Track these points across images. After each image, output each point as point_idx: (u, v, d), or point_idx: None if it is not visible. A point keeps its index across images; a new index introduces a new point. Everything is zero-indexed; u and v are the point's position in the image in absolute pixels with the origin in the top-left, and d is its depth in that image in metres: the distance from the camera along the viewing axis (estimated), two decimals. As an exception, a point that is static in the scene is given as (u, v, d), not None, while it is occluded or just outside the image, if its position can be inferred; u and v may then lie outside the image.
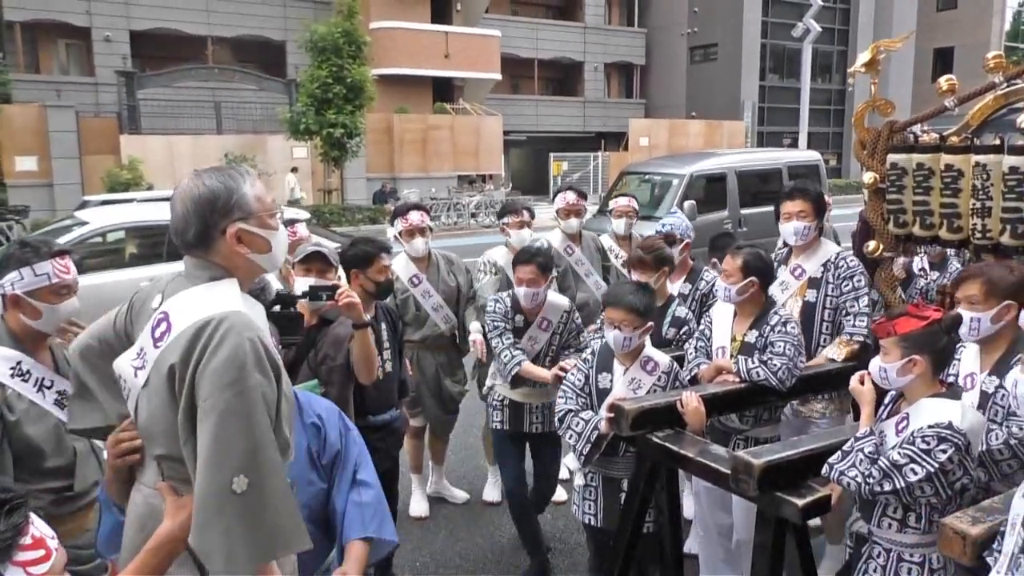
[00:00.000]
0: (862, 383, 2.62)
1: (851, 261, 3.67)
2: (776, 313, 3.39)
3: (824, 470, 2.49)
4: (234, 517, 1.61)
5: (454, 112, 26.52)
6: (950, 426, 2.29)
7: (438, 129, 24.75)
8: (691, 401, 3.06)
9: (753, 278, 3.37)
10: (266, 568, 1.73)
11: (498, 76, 28.70)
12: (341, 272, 3.55)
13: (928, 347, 2.40)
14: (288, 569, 1.91)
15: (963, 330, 2.69)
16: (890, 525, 2.45)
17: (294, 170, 20.67)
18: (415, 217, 4.42)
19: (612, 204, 5.34)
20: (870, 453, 2.38)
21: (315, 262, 3.30)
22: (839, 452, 2.48)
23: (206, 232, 1.77)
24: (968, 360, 2.80)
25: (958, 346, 2.76)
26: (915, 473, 2.27)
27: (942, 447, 2.27)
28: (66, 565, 1.40)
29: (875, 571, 2.49)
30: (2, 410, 2.29)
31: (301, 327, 2.74)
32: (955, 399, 2.43)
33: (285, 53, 26.06)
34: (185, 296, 1.75)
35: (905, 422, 2.43)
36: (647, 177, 11.65)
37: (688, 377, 3.49)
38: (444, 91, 28.08)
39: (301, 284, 3.09)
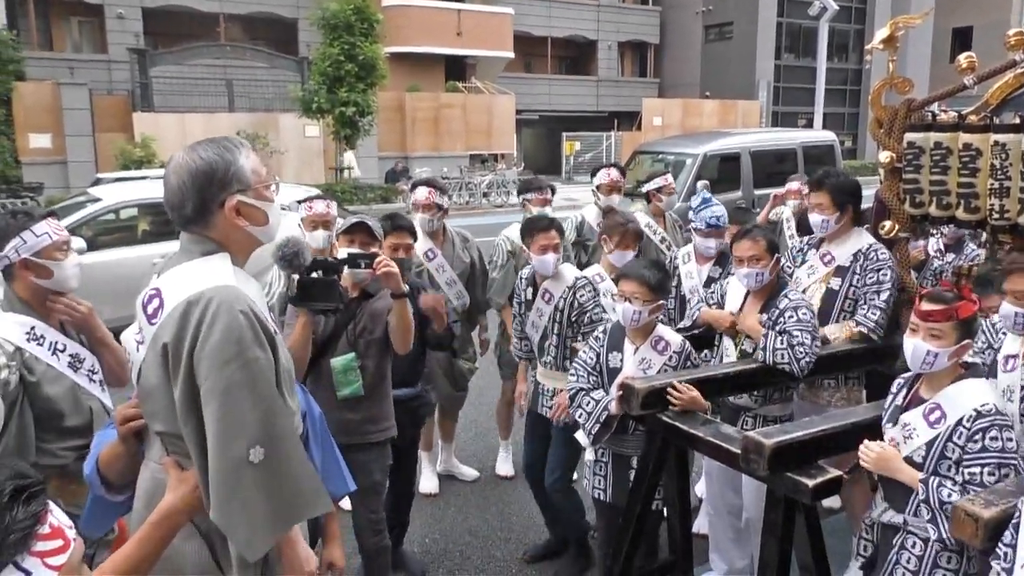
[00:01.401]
0: (870, 450, 2.47)
1: (882, 254, 3.59)
2: (786, 296, 3.36)
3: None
4: (253, 488, 1.63)
5: (466, 91, 26.36)
6: (998, 411, 2.30)
7: (450, 108, 24.61)
8: (683, 392, 2.95)
9: (778, 255, 3.38)
10: (289, 538, 1.74)
11: (511, 54, 28.47)
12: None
13: (974, 332, 2.43)
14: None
15: (1007, 324, 2.72)
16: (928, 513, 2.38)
17: (349, 147, 20.52)
18: (420, 194, 4.52)
19: (661, 182, 5.17)
20: (950, 499, 2.25)
21: (359, 233, 3.26)
22: (915, 513, 2.34)
23: (204, 205, 1.74)
24: (1009, 342, 2.77)
25: (1000, 329, 2.81)
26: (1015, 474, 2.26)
27: (1008, 435, 2.28)
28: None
29: (908, 562, 2.42)
30: (22, 372, 2.39)
31: (336, 294, 2.72)
32: (979, 376, 2.43)
33: (297, 31, 25.92)
34: (177, 272, 1.74)
35: (938, 412, 2.38)
36: (660, 157, 11.54)
37: (688, 323, 3.61)
38: (456, 69, 27.90)
39: (343, 255, 3.07)
